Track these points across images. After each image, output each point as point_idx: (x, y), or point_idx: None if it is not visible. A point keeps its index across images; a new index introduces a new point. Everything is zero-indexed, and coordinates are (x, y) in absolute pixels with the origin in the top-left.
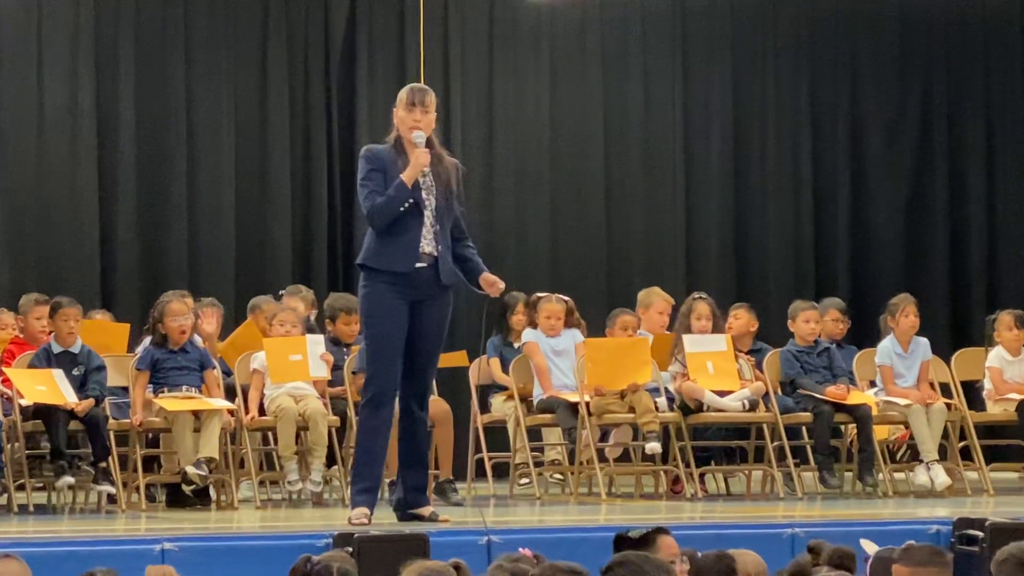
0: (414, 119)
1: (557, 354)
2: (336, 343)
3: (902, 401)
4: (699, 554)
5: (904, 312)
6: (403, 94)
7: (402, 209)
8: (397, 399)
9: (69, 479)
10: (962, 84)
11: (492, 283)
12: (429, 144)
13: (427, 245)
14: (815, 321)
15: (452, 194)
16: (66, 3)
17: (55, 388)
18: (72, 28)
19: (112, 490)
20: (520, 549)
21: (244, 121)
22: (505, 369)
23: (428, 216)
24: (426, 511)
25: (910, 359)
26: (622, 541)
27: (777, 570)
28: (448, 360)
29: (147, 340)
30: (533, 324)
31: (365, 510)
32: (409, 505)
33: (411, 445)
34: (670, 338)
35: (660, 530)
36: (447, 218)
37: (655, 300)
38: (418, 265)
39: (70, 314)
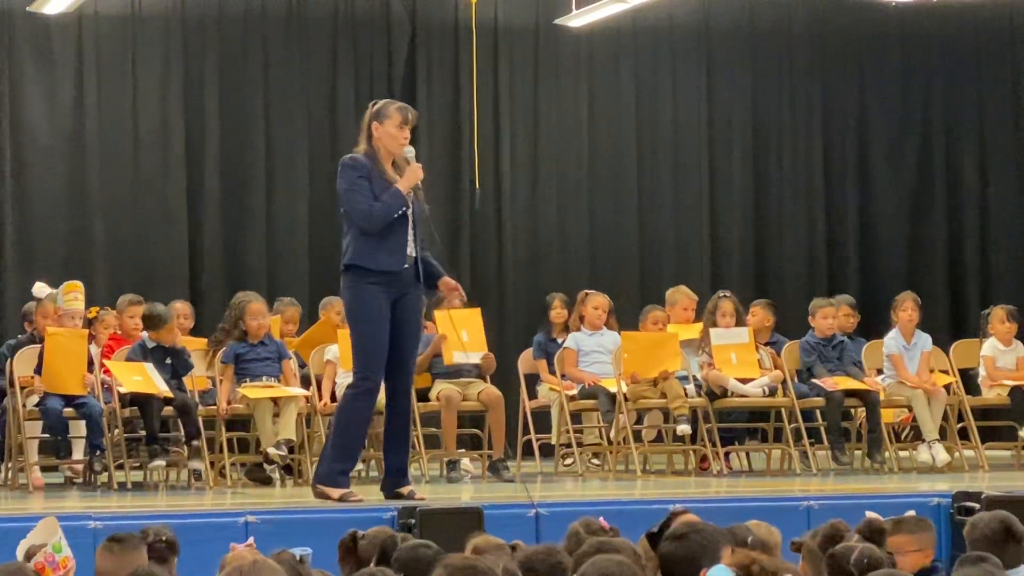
0: (405, 136)
1: (600, 347)
2: None
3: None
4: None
5: (903, 307)
6: (394, 113)
7: (397, 216)
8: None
9: (161, 462)
10: (959, 100)
11: (452, 288)
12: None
13: (411, 248)
14: (832, 317)
15: (421, 199)
16: (157, 34)
17: (148, 378)
18: (163, 56)
19: (200, 466)
20: (599, 519)
21: (316, 139)
22: (550, 360)
23: (410, 222)
24: (405, 490)
25: (912, 351)
26: (654, 538)
27: (799, 535)
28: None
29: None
30: (580, 318)
31: (351, 490)
32: (393, 485)
33: (396, 431)
34: (695, 328)
35: (675, 513)
36: (420, 223)
37: (680, 298)
38: (405, 266)
39: (172, 327)
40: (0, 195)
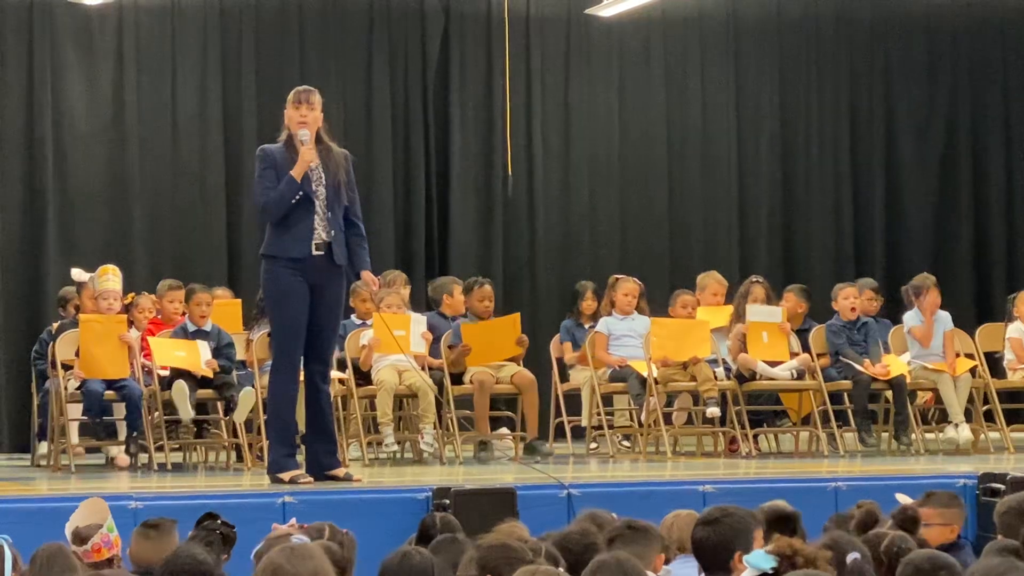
0: (300, 115)
1: (631, 331)
2: (442, 316)
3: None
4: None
5: (933, 292)
6: (291, 95)
7: (294, 201)
8: (301, 374)
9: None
10: (983, 89)
11: (368, 283)
12: (318, 139)
13: (322, 232)
14: (854, 298)
15: (342, 184)
16: (196, 25)
17: (195, 354)
18: (201, 47)
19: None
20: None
21: (352, 127)
22: (576, 345)
23: (319, 206)
24: (340, 472)
25: (933, 325)
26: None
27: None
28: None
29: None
30: (611, 303)
31: (302, 471)
32: (324, 468)
33: (319, 416)
34: (724, 311)
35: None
36: (338, 206)
37: (709, 283)
38: (315, 253)
39: (202, 299)
40: (41, 182)
